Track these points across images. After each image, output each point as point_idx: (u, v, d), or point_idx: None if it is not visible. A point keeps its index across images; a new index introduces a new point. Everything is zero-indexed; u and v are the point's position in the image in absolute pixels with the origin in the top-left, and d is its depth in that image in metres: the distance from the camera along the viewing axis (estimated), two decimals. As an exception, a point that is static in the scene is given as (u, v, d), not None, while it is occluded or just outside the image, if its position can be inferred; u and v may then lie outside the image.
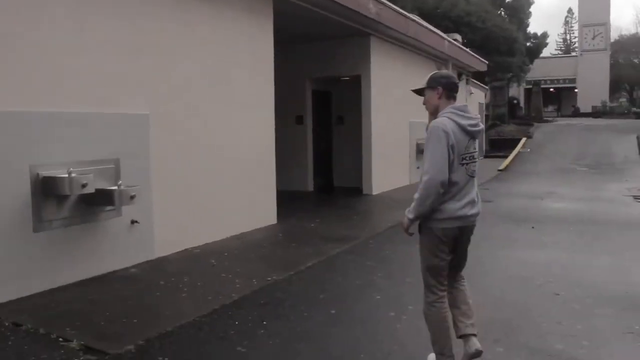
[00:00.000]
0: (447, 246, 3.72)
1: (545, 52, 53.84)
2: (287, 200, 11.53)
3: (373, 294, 6.09)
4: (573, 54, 60.71)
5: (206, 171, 8.34)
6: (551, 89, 55.37)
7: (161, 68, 7.43)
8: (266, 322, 5.37)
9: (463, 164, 3.56)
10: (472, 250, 4.20)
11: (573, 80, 54.79)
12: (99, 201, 6.50)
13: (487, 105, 34.72)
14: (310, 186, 14.32)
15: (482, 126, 3.62)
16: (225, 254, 7.76)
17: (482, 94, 28.65)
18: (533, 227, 9.71)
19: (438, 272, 3.78)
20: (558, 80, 55.28)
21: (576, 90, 54.39)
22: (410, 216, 3.64)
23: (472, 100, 24.42)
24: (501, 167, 20.89)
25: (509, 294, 6.12)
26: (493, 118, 36.61)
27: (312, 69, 13.84)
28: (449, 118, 3.50)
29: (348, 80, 14.14)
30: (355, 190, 13.83)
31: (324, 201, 12.73)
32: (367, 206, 12.17)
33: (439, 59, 17.60)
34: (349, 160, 14.82)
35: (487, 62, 23.60)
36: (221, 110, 8.56)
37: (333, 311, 5.62)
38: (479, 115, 3.60)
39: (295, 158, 13.96)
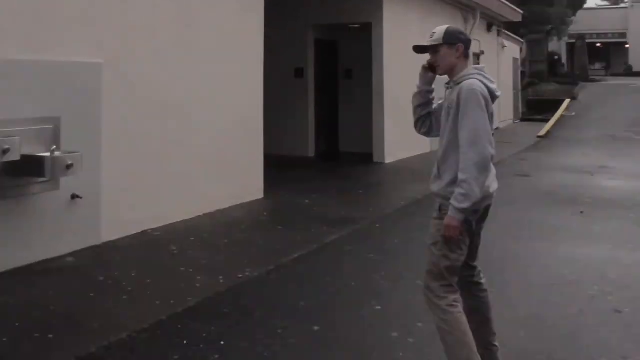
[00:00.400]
0: (471, 233, 3.62)
1: (590, 3, 52.53)
2: (280, 168, 11.38)
3: (372, 302, 5.44)
4: (622, 5, 59.40)
5: (173, 134, 7.94)
6: (598, 44, 54.31)
7: (118, 4, 7.09)
8: (224, 342, 4.62)
9: (491, 122, 3.57)
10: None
11: (623, 35, 53.76)
12: (26, 171, 6.03)
13: (523, 62, 33.83)
14: (311, 151, 14.20)
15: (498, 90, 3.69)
16: (192, 238, 7.27)
17: (517, 48, 27.76)
18: (582, 212, 9.08)
19: (456, 269, 3.62)
20: (606, 34, 54.30)
21: (627, 45, 53.19)
22: (465, 205, 3.41)
23: (505, 55, 24.10)
24: (541, 133, 20.48)
25: (550, 309, 5.30)
26: (530, 76, 35.86)
27: (314, 15, 13.70)
28: (479, 80, 3.46)
29: (357, 28, 14.00)
30: (365, 158, 13.61)
31: (325, 170, 12.58)
32: (377, 177, 11.94)
33: (465, 7, 17.38)
34: (357, 121, 14.60)
35: (521, 11, 23.31)
36: (194, 59, 8.17)
37: (316, 328, 4.98)
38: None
39: (293, 117, 13.88)
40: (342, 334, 4.84)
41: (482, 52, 19.10)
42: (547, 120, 23.92)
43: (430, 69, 3.73)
